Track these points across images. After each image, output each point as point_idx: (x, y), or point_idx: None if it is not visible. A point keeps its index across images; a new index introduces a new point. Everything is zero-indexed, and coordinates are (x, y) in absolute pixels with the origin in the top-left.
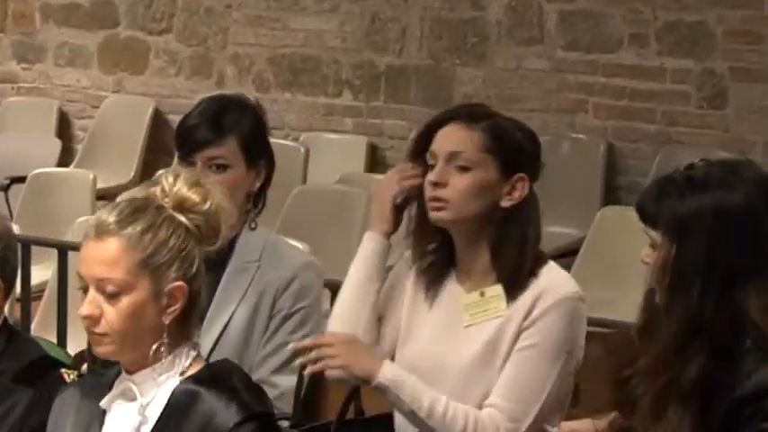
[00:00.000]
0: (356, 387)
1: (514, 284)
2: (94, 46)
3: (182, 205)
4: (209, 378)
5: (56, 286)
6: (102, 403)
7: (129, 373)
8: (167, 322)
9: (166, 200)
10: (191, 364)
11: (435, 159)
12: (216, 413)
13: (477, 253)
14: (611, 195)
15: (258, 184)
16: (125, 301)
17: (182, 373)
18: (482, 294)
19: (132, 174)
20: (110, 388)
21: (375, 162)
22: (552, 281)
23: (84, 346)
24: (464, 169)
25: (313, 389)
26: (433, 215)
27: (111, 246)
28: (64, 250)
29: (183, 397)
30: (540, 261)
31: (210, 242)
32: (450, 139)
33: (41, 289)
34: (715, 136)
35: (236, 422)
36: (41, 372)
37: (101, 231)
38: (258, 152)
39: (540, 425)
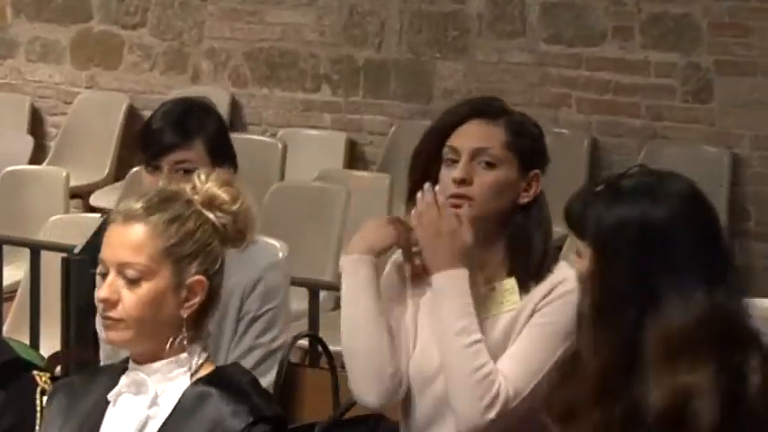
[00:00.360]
0: (336, 386)
1: (532, 279)
2: (67, 41)
3: (211, 202)
4: (220, 381)
5: (28, 286)
6: (110, 395)
7: (139, 364)
8: (185, 316)
9: (196, 196)
10: (202, 364)
11: (457, 155)
12: (226, 415)
13: (490, 250)
14: None
15: None
16: (145, 288)
17: (192, 372)
18: (493, 289)
19: (106, 171)
20: (112, 382)
21: (354, 158)
22: (566, 275)
23: (57, 348)
24: (490, 166)
25: (287, 390)
26: (455, 212)
27: (138, 231)
28: (36, 250)
29: (193, 398)
30: (555, 258)
31: (235, 243)
32: (475, 134)
33: (14, 290)
34: (701, 130)
35: (247, 424)
36: (13, 374)
37: (128, 217)
38: (223, 155)
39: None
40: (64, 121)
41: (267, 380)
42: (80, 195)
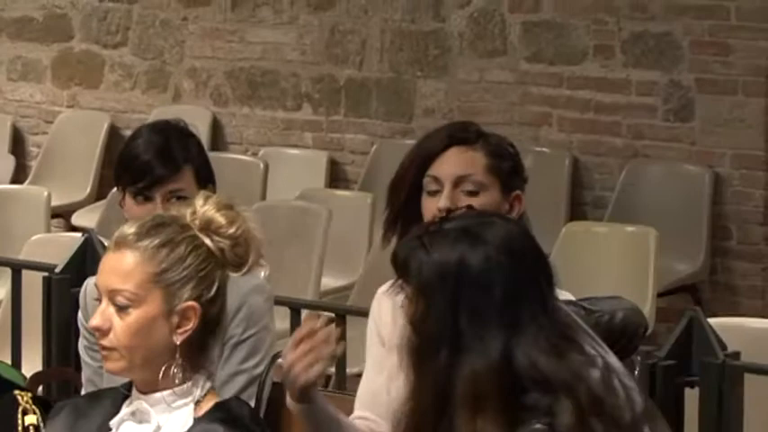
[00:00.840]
0: None
1: None
2: (48, 60)
3: (208, 227)
4: (226, 417)
5: (9, 306)
6: (112, 423)
7: (143, 393)
8: (178, 342)
9: (196, 221)
10: (205, 396)
11: (439, 185)
12: None
13: None
14: (576, 210)
15: None
16: (134, 315)
17: (196, 403)
18: None
19: (88, 190)
20: (114, 408)
21: (336, 177)
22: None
23: (39, 367)
24: (473, 193)
25: (271, 410)
26: None
27: (127, 257)
28: (18, 269)
29: None
30: None
31: (235, 268)
32: (456, 162)
33: None
34: (682, 149)
35: None
36: None
37: (119, 243)
38: (207, 178)
39: None
40: (45, 141)
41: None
42: (61, 215)
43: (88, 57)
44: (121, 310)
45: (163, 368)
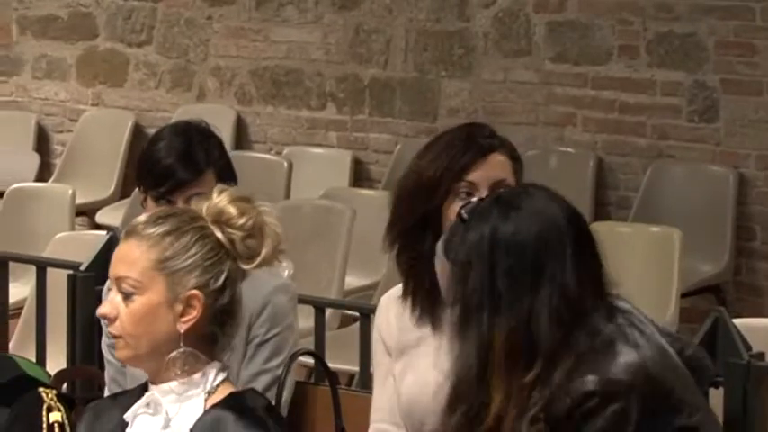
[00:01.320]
0: (337, 404)
1: None
2: (73, 58)
3: (219, 218)
4: (236, 406)
5: (34, 304)
6: (127, 415)
7: (154, 384)
8: (182, 331)
9: (209, 212)
10: (218, 386)
11: (474, 189)
12: None
13: None
14: (600, 211)
15: None
16: (138, 302)
17: (208, 393)
18: None
19: (112, 189)
20: (133, 402)
21: (360, 177)
22: None
23: (63, 365)
24: None
25: (291, 408)
26: None
27: (133, 245)
28: (42, 267)
29: (210, 423)
30: None
31: (247, 261)
32: (493, 167)
33: (20, 306)
34: (706, 150)
35: None
36: (19, 390)
37: (129, 232)
38: (229, 178)
39: None
40: (69, 139)
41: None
42: (86, 213)
43: (113, 55)
44: (127, 297)
45: (168, 357)
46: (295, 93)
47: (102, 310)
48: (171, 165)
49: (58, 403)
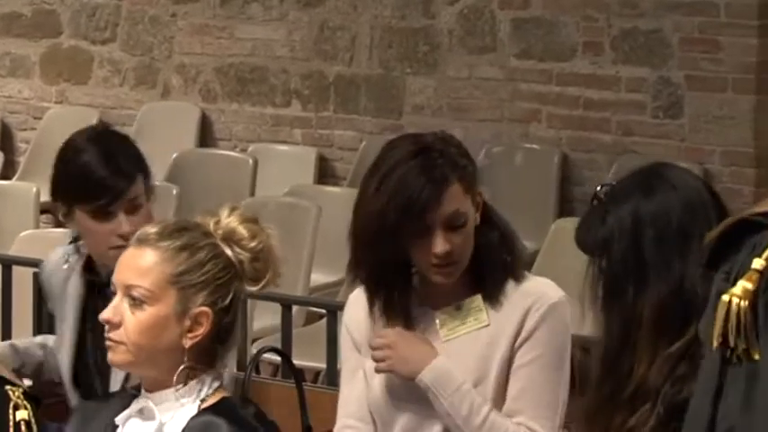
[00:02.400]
0: (303, 401)
1: (496, 289)
2: (37, 56)
3: (230, 237)
4: (227, 411)
5: (0, 301)
6: (118, 419)
7: (149, 391)
8: (187, 346)
9: (219, 230)
10: (212, 394)
11: (433, 230)
12: None
13: None
14: (565, 207)
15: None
16: (147, 312)
17: (202, 401)
18: (459, 308)
19: None
20: (122, 407)
21: (325, 174)
22: (539, 289)
23: None
24: (461, 226)
25: None
26: (444, 279)
27: (147, 255)
28: (8, 265)
29: (200, 427)
30: (521, 267)
31: (252, 283)
32: (443, 203)
33: None
34: (671, 146)
35: None
36: None
37: (141, 240)
38: (149, 176)
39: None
40: (34, 137)
41: None
42: (50, 211)
43: (77, 53)
44: (135, 306)
45: (172, 369)
46: (260, 90)
47: (105, 314)
48: (105, 177)
49: (24, 401)
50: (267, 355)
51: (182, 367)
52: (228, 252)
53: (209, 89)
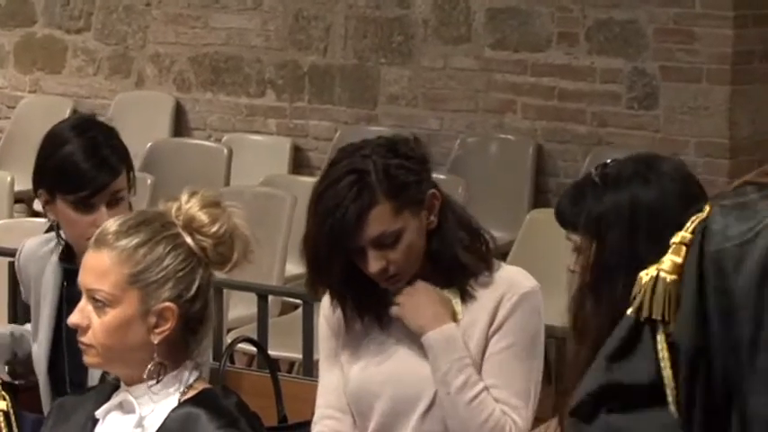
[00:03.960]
0: (278, 391)
1: (465, 284)
2: (10, 45)
3: (190, 225)
4: (208, 402)
5: None
6: (98, 413)
7: (127, 385)
8: (156, 342)
9: (179, 218)
10: (192, 385)
11: (364, 253)
12: None
13: (415, 273)
14: (540, 198)
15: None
16: (111, 315)
17: (182, 392)
18: None
19: None
20: (103, 400)
21: (299, 164)
22: (511, 278)
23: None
24: (394, 243)
25: None
26: (393, 287)
27: (104, 257)
28: None
29: (180, 419)
30: (490, 258)
31: (219, 267)
32: (368, 226)
33: None
34: (646, 137)
35: None
36: None
37: (98, 240)
38: (131, 166)
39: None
40: (7, 126)
41: None
42: (24, 200)
43: (51, 42)
44: (99, 309)
45: (143, 366)
46: (234, 79)
47: (72, 319)
48: (88, 169)
49: (2, 392)
50: (243, 345)
51: (150, 365)
52: (189, 241)
53: (183, 79)
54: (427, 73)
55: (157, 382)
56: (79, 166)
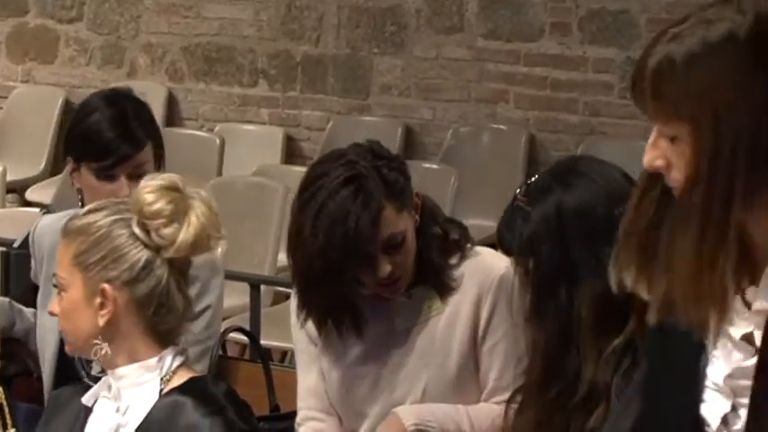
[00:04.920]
0: (270, 380)
1: (443, 277)
2: (2, 35)
3: (136, 206)
4: (194, 391)
5: None
6: (85, 398)
7: (109, 369)
8: (101, 324)
9: (130, 201)
10: (175, 372)
11: (376, 261)
12: (200, 428)
13: None
14: None
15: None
16: (65, 299)
17: (164, 379)
18: (410, 296)
19: (42, 166)
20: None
21: (292, 153)
22: (486, 263)
23: None
24: (400, 244)
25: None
26: (392, 295)
27: (63, 241)
28: None
29: (166, 407)
30: (464, 247)
31: (165, 249)
32: (384, 228)
33: None
34: (638, 126)
35: None
36: None
37: (63, 230)
38: (160, 145)
39: None
40: (0, 116)
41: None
42: (15, 190)
43: (43, 32)
44: (59, 294)
45: (93, 349)
46: (227, 69)
47: (50, 307)
48: (113, 139)
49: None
50: (236, 335)
51: (95, 347)
52: (133, 223)
53: (175, 69)
54: (420, 63)
55: (147, 363)
56: (103, 134)
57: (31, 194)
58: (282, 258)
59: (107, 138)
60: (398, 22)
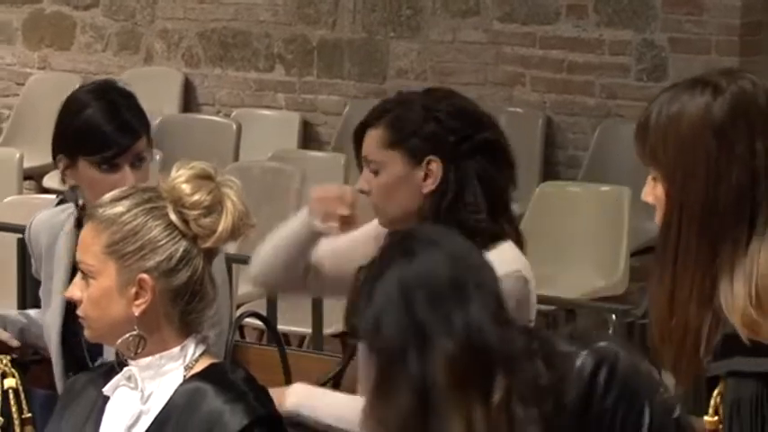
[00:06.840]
0: (286, 365)
1: None
2: (19, 22)
3: (172, 196)
4: (215, 377)
5: None
6: (106, 389)
7: (131, 359)
8: (137, 314)
9: (165, 190)
10: (198, 359)
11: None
12: (221, 414)
13: None
14: (549, 170)
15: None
16: (93, 286)
17: (187, 367)
18: None
19: None
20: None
21: (308, 138)
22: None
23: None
24: (376, 172)
25: None
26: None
27: (90, 228)
28: None
29: (187, 394)
30: (489, 240)
31: (203, 239)
32: (364, 144)
33: None
34: None
35: (244, 426)
36: None
37: (89, 215)
38: (149, 131)
39: None
40: (16, 103)
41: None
42: (32, 177)
43: (59, 18)
44: (86, 281)
45: (123, 338)
46: (243, 54)
47: (68, 292)
48: (111, 131)
49: (12, 369)
50: (252, 321)
51: (128, 335)
52: (170, 212)
53: (192, 54)
54: (436, 47)
55: (136, 355)
56: (102, 127)
57: (48, 181)
58: None
59: (106, 130)
60: (414, 6)
